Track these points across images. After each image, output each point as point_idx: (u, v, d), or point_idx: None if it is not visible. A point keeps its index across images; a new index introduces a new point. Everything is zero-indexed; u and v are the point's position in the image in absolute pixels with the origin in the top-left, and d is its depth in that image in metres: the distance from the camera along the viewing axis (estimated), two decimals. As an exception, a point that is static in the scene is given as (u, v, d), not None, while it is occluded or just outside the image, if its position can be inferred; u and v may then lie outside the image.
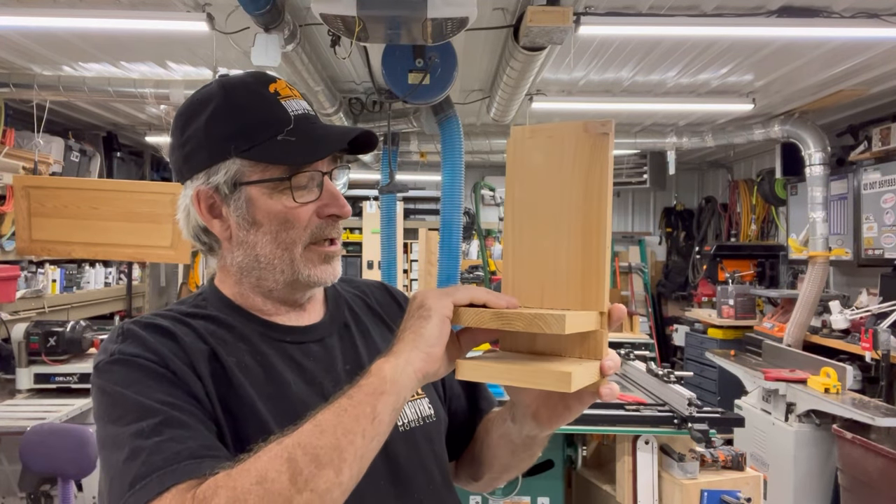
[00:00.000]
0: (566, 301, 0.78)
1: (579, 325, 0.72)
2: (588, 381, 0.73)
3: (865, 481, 3.11)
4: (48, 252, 3.88)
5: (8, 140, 4.32)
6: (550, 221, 0.80)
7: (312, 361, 0.92)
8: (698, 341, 5.87)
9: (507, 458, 1.01)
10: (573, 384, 0.68)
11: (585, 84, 4.49)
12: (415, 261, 8.05)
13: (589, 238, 0.77)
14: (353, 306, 1.04)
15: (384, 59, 3.29)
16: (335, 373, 0.92)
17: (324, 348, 0.94)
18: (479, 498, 2.73)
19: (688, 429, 2.46)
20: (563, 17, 2.76)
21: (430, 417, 0.97)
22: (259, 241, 0.89)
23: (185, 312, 0.90)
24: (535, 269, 0.80)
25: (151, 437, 0.73)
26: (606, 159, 0.77)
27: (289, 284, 0.91)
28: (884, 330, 3.71)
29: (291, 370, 0.89)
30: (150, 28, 3.22)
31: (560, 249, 0.79)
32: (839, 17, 3.10)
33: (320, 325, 0.97)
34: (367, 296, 1.09)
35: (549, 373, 0.70)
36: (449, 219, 4.11)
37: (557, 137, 0.80)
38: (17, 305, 4.00)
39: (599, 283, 0.76)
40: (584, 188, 0.78)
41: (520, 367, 0.72)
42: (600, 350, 0.77)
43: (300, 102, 0.91)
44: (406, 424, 0.93)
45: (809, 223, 4.73)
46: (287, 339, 0.92)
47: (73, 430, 2.42)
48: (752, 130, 5.13)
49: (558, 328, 0.68)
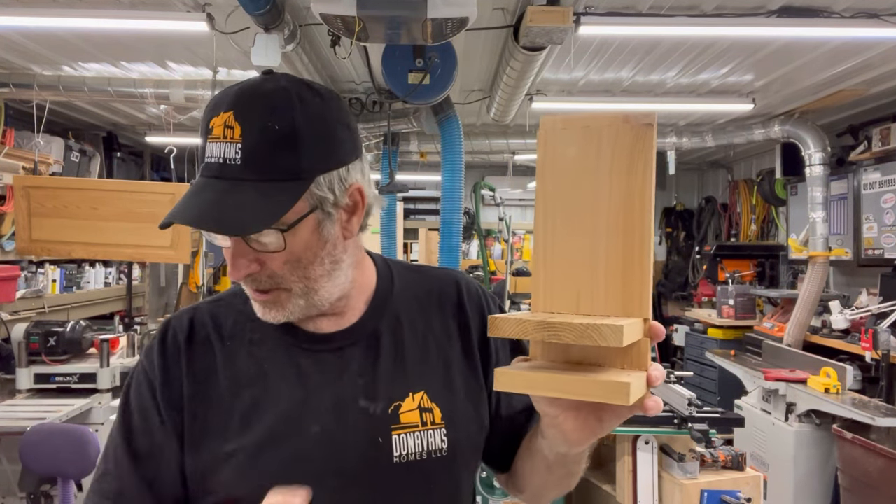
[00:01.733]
0: (605, 307, 0.71)
1: (632, 334, 0.65)
2: (641, 392, 0.66)
3: (865, 481, 3.11)
4: (48, 252, 3.88)
5: (8, 140, 4.33)
6: (588, 220, 0.73)
7: (318, 371, 0.89)
8: (698, 341, 5.86)
9: (543, 475, 0.94)
10: (632, 395, 0.62)
11: (585, 84, 4.49)
12: (415, 261, 8.05)
13: (631, 238, 0.70)
14: (401, 311, 0.97)
15: (384, 59, 3.29)
16: (341, 384, 0.89)
17: (339, 358, 0.91)
18: (478, 498, 2.72)
19: (688, 429, 2.45)
20: (562, 17, 2.76)
21: (438, 452, 0.89)
22: None
23: (222, 303, 0.96)
24: (569, 271, 0.73)
25: (94, 484, 0.90)
26: (650, 153, 0.70)
27: None
28: (884, 330, 3.71)
29: (290, 377, 0.88)
30: (150, 28, 3.22)
31: (599, 250, 0.72)
32: (839, 17, 3.10)
33: (343, 333, 0.92)
34: (430, 295, 1.00)
35: (603, 384, 0.63)
36: (449, 219, 4.11)
37: (594, 128, 0.73)
38: (17, 305, 4.01)
39: (643, 288, 0.70)
40: (626, 184, 0.71)
41: (569, 378, 0.65)
42: (645, 360, 0.69)
43: (224, 146, 0.78)
44: (403, 457, 0.87)
45: (809, 223, 4.73)
46: (302, 346, 0.90)
47: (73, 430, 2.43)
48: (752, 130, 5.13)
49: (615, 341, 0.61)
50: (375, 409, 0.88)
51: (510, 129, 5.57)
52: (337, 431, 0.86)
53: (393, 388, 0.89)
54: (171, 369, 0.89)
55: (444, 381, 0.93)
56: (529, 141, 5.61)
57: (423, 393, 0.90)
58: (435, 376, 0.93)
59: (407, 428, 0.88)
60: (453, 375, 0.94)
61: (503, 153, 5.80)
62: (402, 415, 0.88)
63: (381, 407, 0.88)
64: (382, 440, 0.86)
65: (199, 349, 0.90)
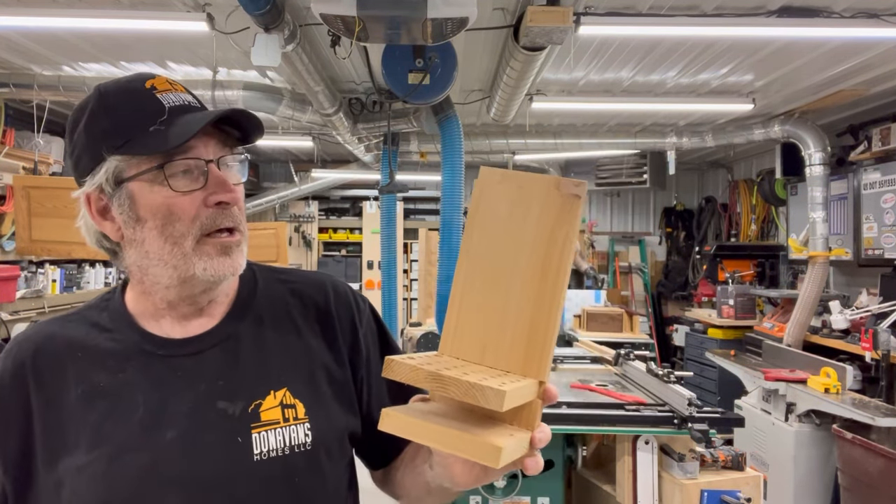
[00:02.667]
0: (507, 362, 0.73)
1: (518, 398, 0.67)
2: (517, 454, 0.69)
3: (865, 481, 3.11)
4: (48, 252, 3.88)
5: (8, 140, 4.33)
6: (504, 277, 0.75)
7: (177, 377, 0.88)
8: (698, 341, 5.87)
9: (420, 494, 0.98)
10: (502, 460, 0.64)
11: (585, 84, 4.49)
12: (415, 261, 8.05)
13: (541, 304, 0.72)
14: (264, 312, 0.97)
15: (384, 59, 3.29)
16: (197, 390, 0.88)
17: (197, 362, 0.89)
18: (479, 498, 2.72)
19: (688, 429, 2.45)
20: (563, 17, 2.76)
21: (301, 446, 0.88)
22: (146, 237, 0.87)
23: (73, 317, 0.94)
24: (480, 322, 0.75)
25: None
26: (573, 223, 0.73)
27: (185, 282, 0.88)
28: (884, 330, 3.71)
29: (145, 384, 0.87)
30: (150, 28, 3.22)
31: (510, 308, 0.74)
32: (839, 17, 3.10)
33: (202, 337, 0.92)
34: (294, 295, 1.01)
35: (478, 444, 0.65)
36: (449, 219, 4.12)
37: (527, 189, 0.75)
38: (17, 305, 4.01)
39: (544, 352, 0.72)
40: (545, 252, 0.73)
41: (448, 432, 0.67)
42: (533, 421, 0.72)
43: (180, 95, 0.89)
44: (263, 454, 0.86)
45: (809, 223, 4.73)
46: (159, 353, 0.89)
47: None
48: (752, 130, 5.13)
49: (496, 404, 0.63)
50: (235, 410, 0.87)
51: (510, 129, 5.57)
52: (194, 435, 0.85)
53: (254, 388, 0.89)
54: (6, 404, 0.87)
55: (307, 377, 0.94)
56: (530, 141, 5.61)
57: (284, 390, 0.90)
58: (298, 374, 0.93)
59: (268, 425, 0.87)
60: (316, 372, 0.95)
61: (503, 153, 5.80)
62: (262, 412, 0.88)
63: (240, 407, 0.87)
64: (242, 439, 0.86)
65: (46, 371, 0.88)
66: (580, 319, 5.44)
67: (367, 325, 1.04)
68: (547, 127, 5.81)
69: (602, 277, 7.02)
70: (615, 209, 8.13)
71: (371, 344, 1.03)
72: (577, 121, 5.70)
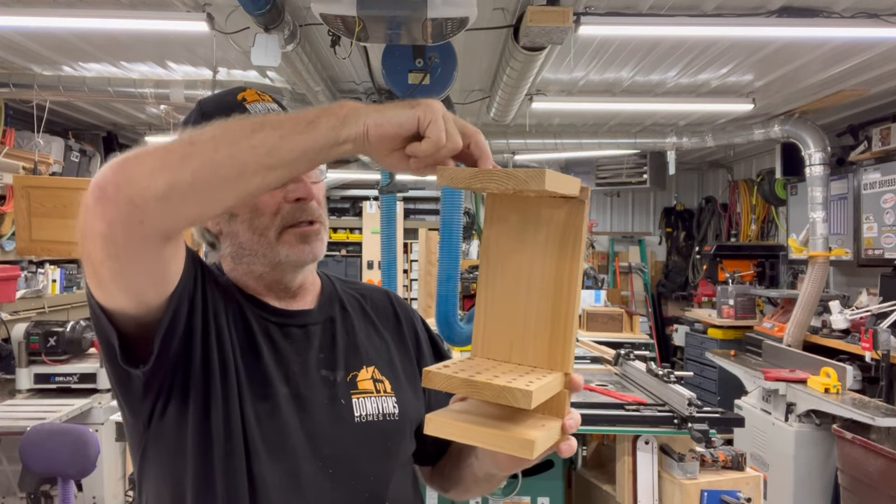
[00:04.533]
0: (533, 358, 0.80)
1: (545, 393, 0.74)
2: (550, 442, 0.76)
3: (865, 481, 3.11)
4: (48, 252, 3.88)
5: (8, 140, 4.33)
6: (522, 281, 0.81)
7: (288, 343, 0.99)
8: (698, 341, 5.87)
9: (470, 484, 1.08)
10: (535, 451, 0.71)
11: (585, 84, 4.49)
12: (415, 261, 8.05)
13: (559, 302, 0.79)
14: (347, 305, 1.10)
15: (384, 59, 3.29)
16: (305, 357, 0.99)
17: (304, 334, 1.02)
18: (479, 498, 2.73)
19: (688, 429, 2.45)
20: (562, 17, 2.76)
21: (391, 416, 1.01)
22: (239, 230, 0.98)
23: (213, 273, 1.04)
24: (505, 323, 0.82)
25: None
26: (581, 225, 0.78)
27: (274, 267, 0.99)
28: (884, 330, 3.71)
29: (267, 345, 0.97)
30: (150, 28, 3.22)
31: (530, 309, 0.80)
32: (839, 17, 3.10)
33: (307, 313, 1.04)
34: (364, 298, 1.14)
35: (514, 439, 0.72)
36: (449, 219, 4.11)
37: (534, 197, 0.81)
38: (17, 305, 4.00)
39: (566, 345, 0.78)
40: (558, 252, 0.79)
41: (486, 430, 0.74)
42: (563, 409, 0.79)
43: (267, 104, 1.01)
44: (363, 417, 0.98)
45: (809, 223, 4.73)
46: (272, 319, 1.00)
47: (73, 430, 2.42)
48: (752, 130, 5.13)
49: (525, 403, 0.69)
50: (335, 378, 1.00)
51: (510, 129, 5.57)
52: (304, 394, 0.96)
53: (349, 362, 1.02)
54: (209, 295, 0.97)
55: (388, 361, 1.07)
56: (530, 141, 5.61)
57: (374, 367, 1.04)
58: (381, 357, 1.07)
59: (364, 393, 1.00)
60: (394, 360, 1.08)
61: (503, 153, 5.80)
62: (359, 382, 1.01)
63: (340, 376, 1.00)
64: (345, 402, 0.98)
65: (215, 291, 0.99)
66: (580, 319, 5.44)
67: (422, 330, 1.19)
68: (547, 127, 5.80)
69: (602, 277, 7.02)
70: (615, 209, 8.13)
71: (426, 346, 1.17)
72: (577, 121, 5.70)
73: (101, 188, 0.72)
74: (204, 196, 0.74)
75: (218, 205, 0.78)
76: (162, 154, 0.73)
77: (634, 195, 8.02)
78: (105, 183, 0.72)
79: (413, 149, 0.75)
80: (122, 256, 0.75)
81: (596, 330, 5.26)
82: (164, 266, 0.82)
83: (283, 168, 0.74)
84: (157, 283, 0.83)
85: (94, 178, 0.73)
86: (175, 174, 0.71)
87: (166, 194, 0.71)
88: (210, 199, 0.75)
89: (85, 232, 0.74)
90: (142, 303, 0.83)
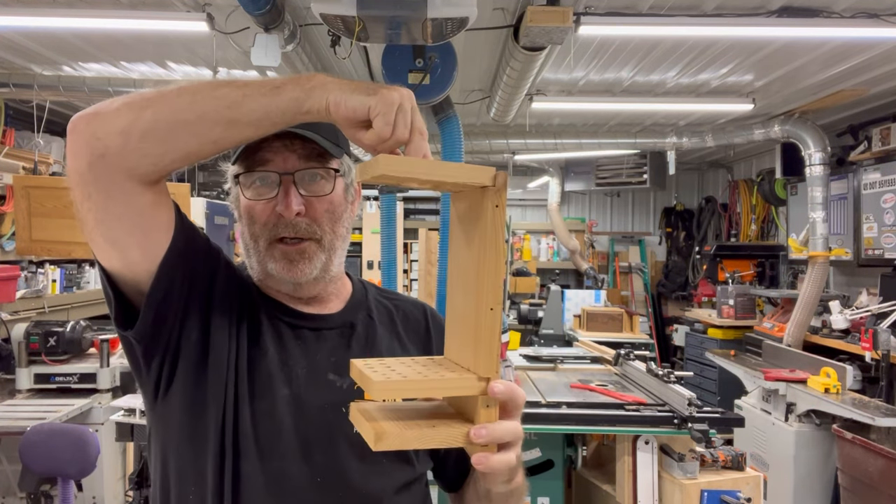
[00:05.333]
0: (468, 360, 0.77)
1: (405, 391, 0.74)
2: (422, 444, 0.73)
3: (865, 481, 3.11)
4: (48, 252, 3.88)
5: (8, 140, 4.33)
6: (462, 280, 0.80)
7: (297, 344, 0.99)
8: (698, 341, 5.86)
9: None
10: (379, 443, 0.70)
11: (585, 84, 4.49)
12: (415, 261, 8.04)
13: (479, 300, 0.74)
14: (373, 313, 1.09)
15: (384, 59, 3.29)
16: (314, 360, 0.98)
17: (316, 337, 1.01)
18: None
19: (688, 429, 2.45)
20: (562, 17, 2.76)
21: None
22: (242, 231, 1.02)
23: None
24: (456, 324, 0.81)
25: None
26: (495, 216, 0.73)
27: (268, 276, 1.00)
28: (884, 330, 3.71)
29: (274, 344, 0.97)
30: (150, 28, 3.22)
31: (469, 308, 0.78)
32: (839, 17, 3.10)
33: (324, 317, 1.03)
34: (397, 309, 1.13)
35: (368, 429, 0.73)
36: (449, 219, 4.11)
37: (478, 191, 0.76)
38: (17, 305, 4.00)
39: (484, 349, 0.74)
40: (479, 247, 0.75)
41: (366, 423, 0.75)
42: (474, 415, 0.75)
43: None
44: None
45: (809, 223, 4.73)
46: (284, 319, 1.01)
47: (73, 430, 2.42)
48: (752, 130, 5.13)
49: (376, 394, 0.72)
50: (342, 384, 0.97)
51: (510, 128, 5.57)
52: (305, 396, 0.95)
53: None
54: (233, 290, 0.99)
55: None
56: (530, 141, 5.61)
57: None
58: None
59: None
60: None
61: (503, 153, 5.80)
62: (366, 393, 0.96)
63: (347, 383, 0.97)
64: (346, 410, 0.92)
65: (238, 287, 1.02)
66: (580, 319, 5.44)
67: None
68: (547, 127, 5.80)
69: (602, 277, 7.02)
70: (615, 209, 8.13)
71: None
72: (577, 121, 5.70)
73: (73, 123, 0.78)
74: (163, 135, 0.77)
75: (178, 146, 0.79)
76: (130, 98, 0.78)
77: (634, 195, 8.02)
78: (78, 119, 0.78)
79: (358, 135, 0.77)
80: (93, 196, 0.80)
81: (596, 330, 5.26)
82: (139, 215, 0.83)
83: (245, 125, 0.77)
84: (138, 236, 0.85)
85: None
86: (137, 112, 0.76)
87: (126, 129, 0.76)
88: (169, 139, 0.78)
89: (68, 174, 0.81)
90: (126, 259, 0.86)
